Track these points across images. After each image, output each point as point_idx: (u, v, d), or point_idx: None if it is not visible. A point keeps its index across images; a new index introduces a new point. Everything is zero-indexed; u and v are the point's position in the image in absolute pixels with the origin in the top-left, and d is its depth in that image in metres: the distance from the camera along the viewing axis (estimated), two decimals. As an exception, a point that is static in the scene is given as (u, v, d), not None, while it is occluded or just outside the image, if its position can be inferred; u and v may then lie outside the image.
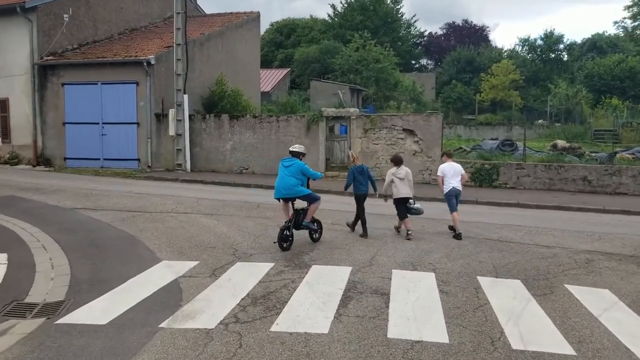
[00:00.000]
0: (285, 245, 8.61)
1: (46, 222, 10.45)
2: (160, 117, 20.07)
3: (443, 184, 10.31)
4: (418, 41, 59.15)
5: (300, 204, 9.28)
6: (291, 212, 9.13)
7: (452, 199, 10.23)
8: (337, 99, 33.36)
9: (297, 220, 8.99)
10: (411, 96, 38.72)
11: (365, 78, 42.50)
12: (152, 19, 27.40)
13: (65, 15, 21.63)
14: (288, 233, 8.72)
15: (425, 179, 18.16)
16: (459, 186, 10.27)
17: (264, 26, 55.86)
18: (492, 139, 27.78)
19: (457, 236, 9.87)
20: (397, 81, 44.18)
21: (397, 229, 10.28)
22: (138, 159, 20.15)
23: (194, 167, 19.89)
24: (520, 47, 53.08)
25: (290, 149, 9.30)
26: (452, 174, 10.26)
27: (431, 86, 48.55)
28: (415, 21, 57.79)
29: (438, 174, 10.49)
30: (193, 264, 7.64)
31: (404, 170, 9.97)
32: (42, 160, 21.13)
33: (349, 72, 42.84)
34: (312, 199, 9.09)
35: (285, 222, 8.88)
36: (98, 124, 20.46)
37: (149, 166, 19.88)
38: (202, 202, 13.20)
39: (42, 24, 20.94)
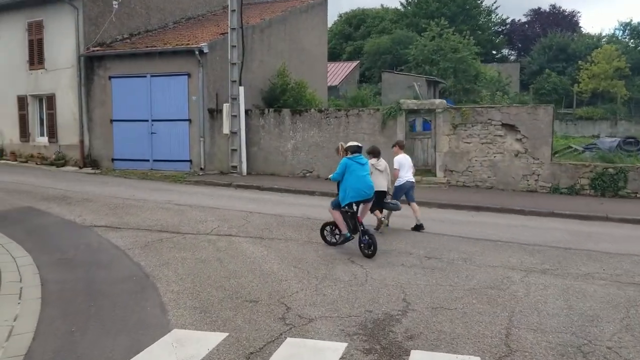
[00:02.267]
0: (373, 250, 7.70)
1: (46, 248, 7.99)
2: (214, 113, 17.58)
3: (398, 177, 9.86)
4: (499, 29, 54.30)
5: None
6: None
7: (403, 191, 9.93)
8: (412, 92, 29.93)
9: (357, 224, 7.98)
10: (497, 87, 34.59)
11: (442, 69, 38.75)
12: (211, 7, 25.16)
13: (114, 2, 19.58)
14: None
15: (531, 186, 14.60)
16: (412, 179, 10.09)
17: (331, 18, 53.03)
18: (594, 137, 23.63)
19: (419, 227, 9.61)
20: (478, 72, 40.11)
21: (380, 224, 9.42)
22: (190, 161, 17.77)
23: (251, 169, 17.25)
24: (621, 32, 47.23)
25: (357, 144, 8.34)
26: (407, 166, 10.00)
27: (515, 77, 43.97)
28: (497, 8, 52.80)
29: (395, 166, 9.92)
30: (217, 339, 4.77)
31: (383, 162, 9.50)
32: (89, 161, 19.19)
33: (424, 63, 39.18)
34: (372, 199, 8.38)
35: (362, 227, 7.92)
36: (147, 121, 18.25)
37: (201, 168, 17.45)
38: (252, 217, 10.41)
39: (88, 12, 18.98)
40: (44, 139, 20.52)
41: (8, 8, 20.59)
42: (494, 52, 52.36)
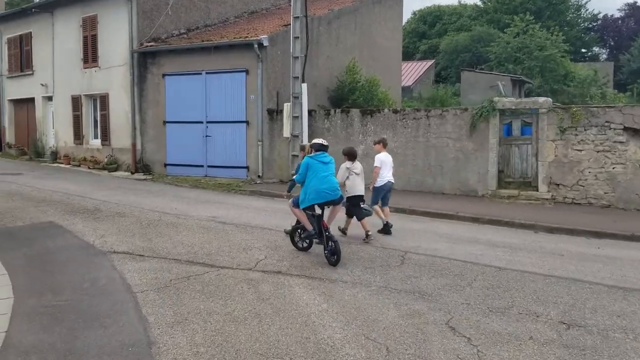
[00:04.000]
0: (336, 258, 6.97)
1: (40, 286, 6.11)
2: (274, 114, 15.57)
3: (378, 176, 9.18)
4: (590, 26, 49.52)
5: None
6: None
7: (383, 192, 9.30)
8: (495, 93, 26.84)
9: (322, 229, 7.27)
10: (595, 88, 30.77)
11: (528, 68, 35.32)
12: (275, 0, 23.30)
13: (171, -6, 18.05)
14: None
15: (662, 207, 11.55)
16: (393, 179, 9.44)
17: (405, 16, 50.18)
18: None
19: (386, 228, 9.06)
20: (568, 71, 36.34)
21: (344, 230, 8.94)
22: (247, 167, 15.84)
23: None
24: None
25: (321, 142, 7.76)
26: (389, 165, 9.42)
27: (609, 77, 39.53)
28: (587, 2, 48.01)
29: (376, 164, 9.31)
30: None
31: (359, 165, 8.90)
32: (141, 166, 17.70)
33: (507, 61, 35.90)
34: (341, 201, 7.64)
35: (327, 232, 7.21)
36: (202, 122, 16.51)
37: (259, 176, 15.48)
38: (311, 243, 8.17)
39: (142, 4, 17.52)
40: (97, 142, 19.30)
41: (63, 3, 19.56)
42: (583, 50, 47.80)
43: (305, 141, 14.66)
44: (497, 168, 13.07)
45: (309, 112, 15.03)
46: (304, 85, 14.60)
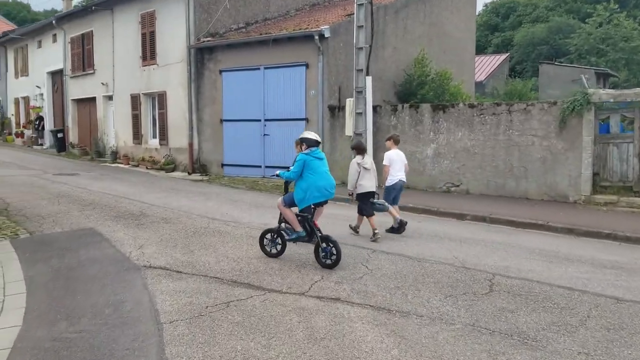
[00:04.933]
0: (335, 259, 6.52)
1: (57, 310, 5.22)
2: (335, 111, 14.42)
3: (389, 175, 8.73)
4: (682, 13, 45.34)
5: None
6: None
7: (394, 192, 8.83)
8: (579, 86, 24.49)
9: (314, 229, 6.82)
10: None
11: (612, 61, 32.58)
12: (339, -9, 22.10)
13: (229, -12, 17.23)
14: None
15: None
16: (404, 178, 8.89)
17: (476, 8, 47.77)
18: None
19: (400, 228, 8.51)
20: (658, 63, 33.33)
21: (356, 229, 8.50)
22: (306, 168, 14.69)
23: (379, 180, 13.71)
24: None
25: (315, 137, 6.94)
26: (399, 163, 8.81)
27: None
28: (677, -12, 44.02)
29: (384, 162, 8.76)
30: None
31: (369, 159, 8.45)
32: (197, 166, 17.02)
33: (588, 54, 33.27)
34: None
35: (321, 233, 6.78)
36: (259, 121, 15.58)
37: (319, 178, 14.29)
38: (376, 261, 6.91)
39: (200, -1, 16.76)
40: (155, 141, 18.81)
41: (123, 0, 19.19)
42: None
43: (370, 140, 13.41)
44: (591, 170, 11.30)
45: (374, 108, 13.74)
46: (369, 79, 13.31)
